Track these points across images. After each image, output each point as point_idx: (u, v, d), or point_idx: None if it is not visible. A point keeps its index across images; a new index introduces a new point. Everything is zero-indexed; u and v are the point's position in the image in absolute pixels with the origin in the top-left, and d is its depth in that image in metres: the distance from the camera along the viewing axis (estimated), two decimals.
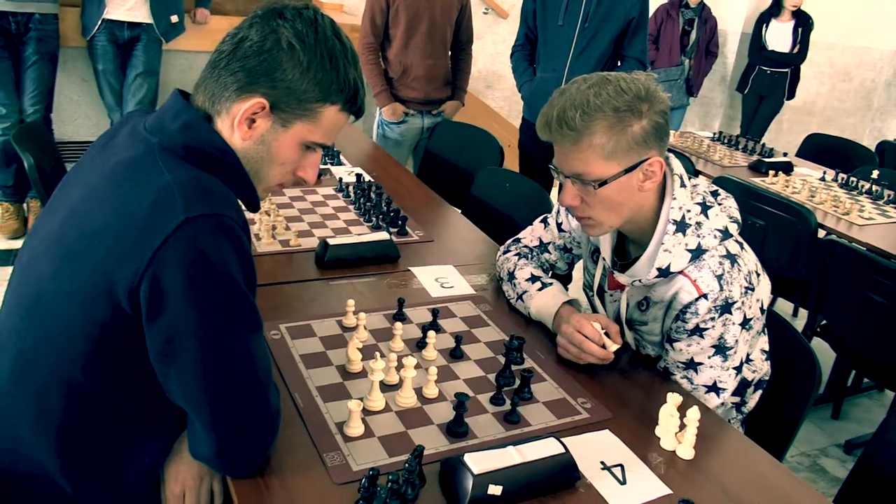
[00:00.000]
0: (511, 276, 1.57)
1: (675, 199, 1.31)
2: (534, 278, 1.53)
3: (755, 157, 3.57)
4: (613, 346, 1.32)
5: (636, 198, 1.29)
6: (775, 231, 2.61)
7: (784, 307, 3.48)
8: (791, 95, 5.12)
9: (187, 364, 0.93)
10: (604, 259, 1.47)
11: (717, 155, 3.52)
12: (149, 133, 1.00)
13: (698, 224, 1.31)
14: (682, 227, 1.30)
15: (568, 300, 1.45)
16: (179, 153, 0.97)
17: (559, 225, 1.62)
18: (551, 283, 1.52)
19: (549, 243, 1.63)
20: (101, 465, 1.01)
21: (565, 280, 1.89)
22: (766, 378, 1.47)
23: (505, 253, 1.66)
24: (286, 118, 1.01)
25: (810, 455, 2.51)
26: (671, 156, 1.35)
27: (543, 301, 1.48)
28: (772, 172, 3.19)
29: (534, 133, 1.60)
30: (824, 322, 2.50)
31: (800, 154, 4.07)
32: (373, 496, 0.97)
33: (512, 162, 3.52)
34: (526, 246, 1.66)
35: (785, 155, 3.65)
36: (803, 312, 3.32)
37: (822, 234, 2.59)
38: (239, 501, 0.98)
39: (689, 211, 1.31)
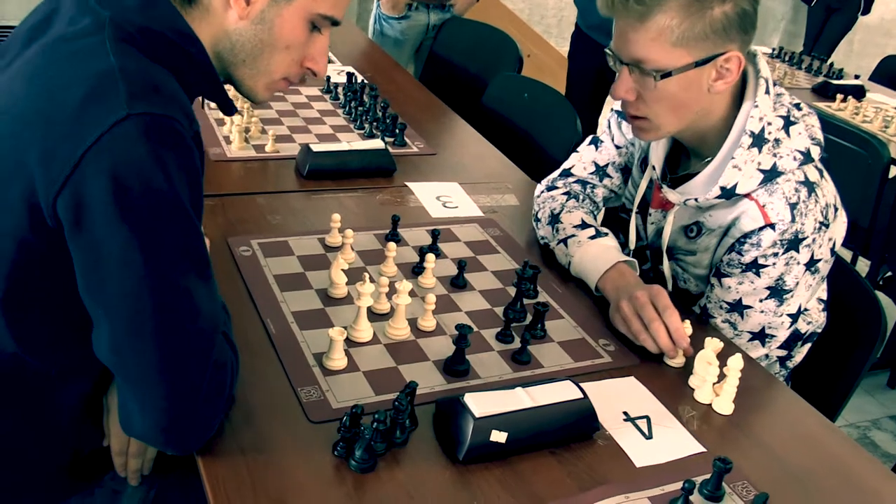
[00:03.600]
0: (555, 218, 1.51)
1: (756, 106, 1.27)
2: (585, 225, 1.46)
3: (820, 79, 3.52)
4: (681, 358, 1.25)
5: (704, 100, 1.26)
6: (840, 165, 2.55)
7: (842, 255, 3.46)
8: (867, 10, 4.99)
9: (112, 297, 0.86)
10: (653, 168, 1.43)
11: (776, 74, 3.48)
12: (99, 4, 0.94)
13: (777, 141, 1.28)
14: (758, 141, 1.27)
15: (626, 260, 1.37)
16: (133, 36, 0.92)
17: (613, 140, 1.57)
18: (606, 233, 1.45)
19: (606, 165, 1.57)
20: (24, 403, 1.00)
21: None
22: (819, 331, 1.46)
23: (550, 189, 1.58)
24: None
25: (860, 427, 2.53)
26: (758, 52, 1.31)
27: (595, 252, 1.40)
28: (839, 97, 3.14)
29: (587, 45, 1.53)
30: (889, 274, 2.48)
31: (873, 78, 3.99)
32: (355, 437, 0.96)
33: (532, 75, 3.45)
34: (578, 180, 1.58)
35: (856, 77, 3.58)
36: (864, 262, 3.30)
37: (894, 171, 2.55)
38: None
39: (769, 124, 1.28)
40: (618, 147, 1.57)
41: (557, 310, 1.35)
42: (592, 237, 1.43)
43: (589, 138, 1.62)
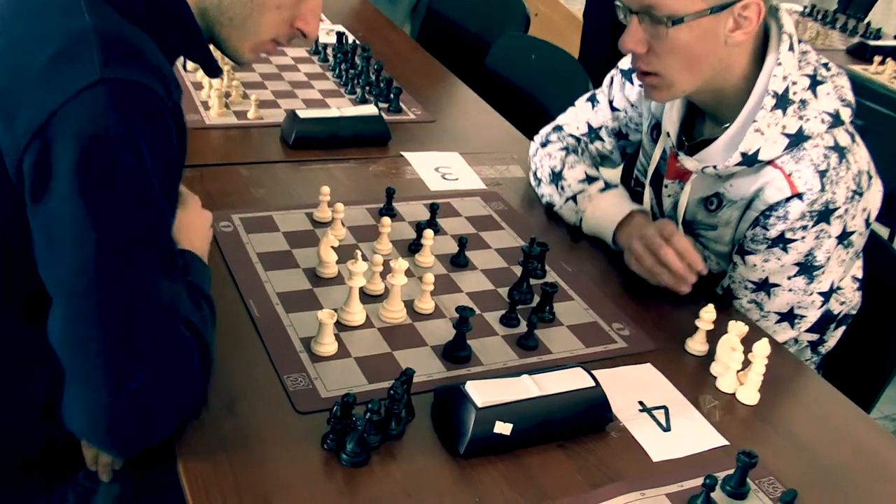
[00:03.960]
0: (557, 176, 1.54)
1: (780, 64, 1.26)
2: (591, 178, 1.50)
3: (856, 39, 3.51)
4: (703, 345, 1.26)
5: (721, 53, 1.25)
6: (877, 132, 2.54)
7: (878, 231, 3.45)
8: None
9: (63, 277, 0.85)
10: (667, 135, 1.43)
11: (808, 34, 3.46)
12: None
13: (803, 103, 1.27)
14: (783, 102, 1.27)
15: (640, 209, 1.43)
16: None
17: (611, 102, 1.59)
18: (616, 185, 1.49)
19: (600, 128, 1.60)
20: None
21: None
22: (854, 312, 1.45)
23: (544, 146, 1.62)
24: None
25: None
26: (781, 7, 1.30)
27: (606, 205, 1.45)
28: (877, 59, 3.12)
29: (605, 2, 1.53)
30: None
31: None
32: (346, 429, 0.96)
33: (540, 35, 3.43)
34: (571, 135, 1.62)
35: None
36: None
37: None
38: (173, 433, 0.97)
39: (794, 83, 1.27)
40: (614, 110, 1.58)
41: (567, 291, 1.35)
42: (602, 190, 1.47)
43: (587, 94, 1.64)
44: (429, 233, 1.34)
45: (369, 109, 1.76)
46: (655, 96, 1.32)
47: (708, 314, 1.23)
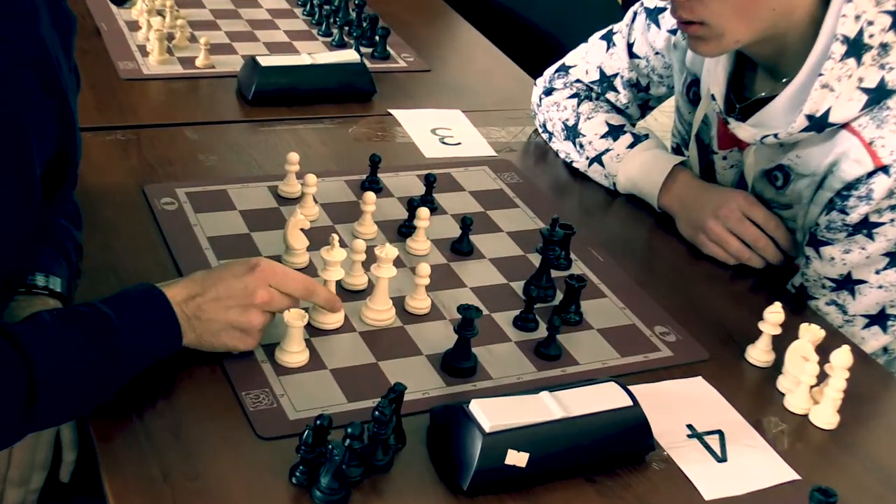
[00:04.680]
0: (572, 131, 1.57)
1: (850, 1, 1.26)
2: (615, 130, 1.54)
3: None
4: (768, 354, 1.26)
5: None
6: None
7: None
8: None
9: None
10: (712, 98, 1.43)
11: None
12: None
13: (884, 48, 1.27)
14: (856, 49, 1.26)
15: (681, 160, 1.49)
16: None
17: (630, 46, 1.60)
18: (646, 135, 1.54)
19: (613, 76, 1.62)
20: None
21: None
22: None
23: (548, 94, 1.65)
24: None
25: None
26: None
27: (640, 164, 1.50)
28: None
29: None
30: None
31: None
32: (320, 459, 0.95)
33: None
34: (579, 80, 1.65)
35: None
36: None
37: None
38: (104, 459, 0.97)
39: (870, 24, 1.26)
40: (633, 56, 1.60)
41: (598, 285, 1.33)
42: (631, 145, 1.52)
43: (603, 32, 1.66)
44: (423, 212, 1.32)
45: (349, 56, 1.75)
46: (702, 50, 1.32)
47: (774, 315, 1.22)
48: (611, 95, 1.63)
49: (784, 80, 1.34)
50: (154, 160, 1.46)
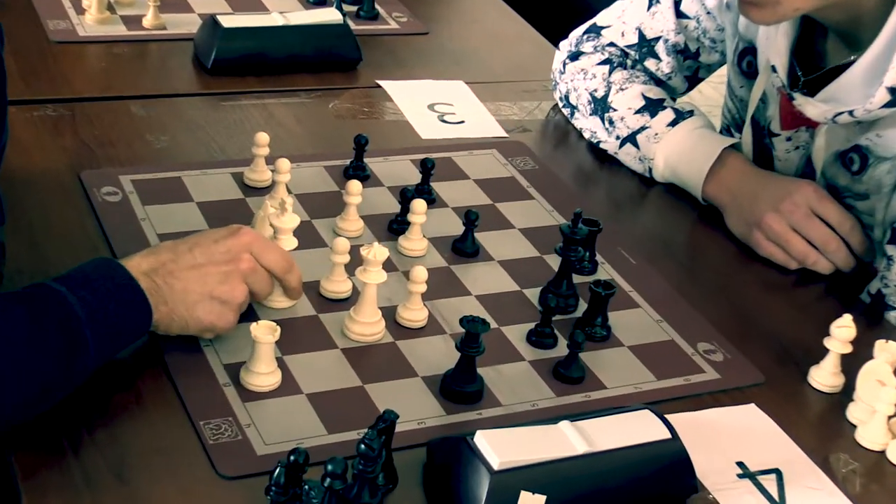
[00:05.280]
0: (601, 104, 1.58)
1: None
2: (653, 104, 1.55)
3: None
4: (837, 378, 1.26)
5: None
6: None
7: None
8: None
9: None
10: (772, 70, 1.43)
11: None
12: None
13: None
14: None
15: (733, 143, 1.49)
16: None
17: (678, 4, 1.61)
18: (690, 112, 1.53)
19: (655, 40, 1.63)
20: None
21: None
22: None
23: (574, 59, 1.65)
24: None
25: None
26: None
27: (683, 146, 1.50)
28: None
29: None
30: None
31: None
32: (295, 502, 0.95)
33: None
34: (613, 44, 1.66)
35: None
36: None
37: None
38: (28, 502, 0.96)
39: None
40: (682, 17, 1.60)
41: (629, 293, 1.33)
42: (673, 123, 1.52)
43: None
44: (419, 204, 1.31)
45: (329, 15, 1.74)
46: (756, 16, 1.32)
47: (844, 330, 1.21)
48: (650, 63, 1.64)
49: (859, 49, 1.34)
50: (92, 141, 1.45)
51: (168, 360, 1.12)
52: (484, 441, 0.99)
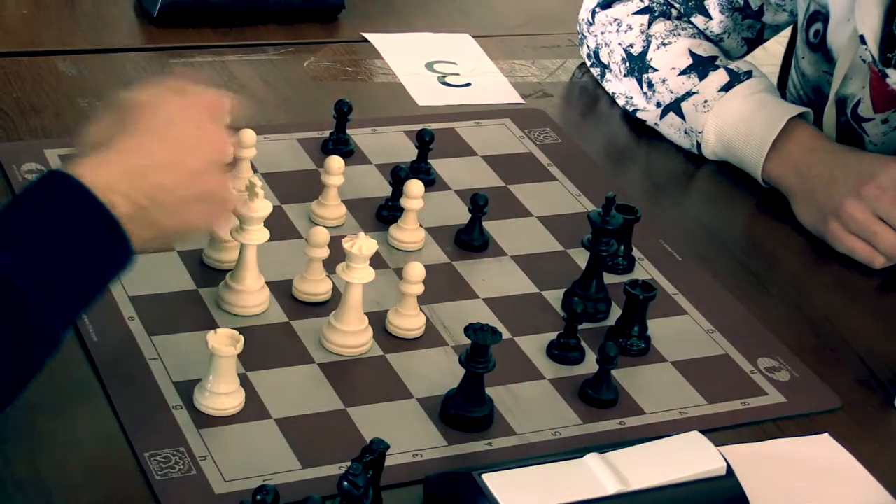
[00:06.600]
0: (638, 62, 1.58)
1: None
2: (702, 63, 1.53)
3: None
4: None
5: None
6: None
7: None
8: None
9: None
10: (860, 41, 1.42)
11: None
12: None
13: None
14: None
15: (801, 112, 1.46)
16: None
17: None
18: (748, 73, 1.49)
19: None
20: None
21: None
22: None
23: (605, 6, 1.64)
24: None
25: None
26: None
27: (739, 114, 1.49)
28: None
29: None
30: None
31: None
32: None
33: None
34: None
35: None
36: None
37: None
38: None
39: None
40: None
41: (673, 296, 1.33)
42: (726, 87, 1.50)
43: None
44: (415, 186, 1.32)
45: None
46: None
47: None
48: (698, 20, 1.63)
49: None
50: (11, 107, 1.46)
51: (104, 377, 1.12)
52: (494, 481, 1.00)
